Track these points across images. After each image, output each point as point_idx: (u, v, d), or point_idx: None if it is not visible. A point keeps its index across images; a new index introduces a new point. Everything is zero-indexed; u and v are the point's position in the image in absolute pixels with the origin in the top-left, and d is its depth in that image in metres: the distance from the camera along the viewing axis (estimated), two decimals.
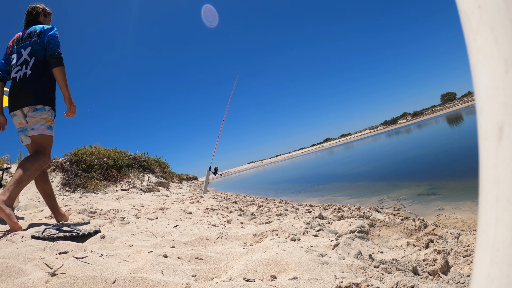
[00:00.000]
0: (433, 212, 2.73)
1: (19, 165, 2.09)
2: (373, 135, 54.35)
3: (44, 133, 2.18)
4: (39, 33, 2.32)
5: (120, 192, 6.18)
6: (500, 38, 0.19)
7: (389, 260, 1.29)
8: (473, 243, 1.62)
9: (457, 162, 4.88)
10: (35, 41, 2.29)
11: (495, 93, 0.20)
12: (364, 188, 4.98)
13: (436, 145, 8.32)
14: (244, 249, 1.49)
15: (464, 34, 0.22)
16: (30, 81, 2.20)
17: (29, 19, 2.51)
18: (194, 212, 3.05)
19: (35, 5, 2.53)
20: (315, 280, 1.04)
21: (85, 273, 1.04)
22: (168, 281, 1.00)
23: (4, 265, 1.09)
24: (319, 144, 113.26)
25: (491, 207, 0.20)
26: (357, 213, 2.48)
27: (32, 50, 2.27)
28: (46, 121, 2.19)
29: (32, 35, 2.33)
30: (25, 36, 2.35)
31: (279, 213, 2.89)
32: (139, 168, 8.13)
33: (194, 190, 9.31)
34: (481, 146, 0.21)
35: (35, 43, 2.28)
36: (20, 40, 2.35)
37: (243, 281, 1.04)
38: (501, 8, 0.19)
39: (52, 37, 2.29)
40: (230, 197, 5.75)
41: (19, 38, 2.37)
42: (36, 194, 5.61)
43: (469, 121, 14.70)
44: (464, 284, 1.11)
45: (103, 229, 2.06)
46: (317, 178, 8.88)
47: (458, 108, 48.38)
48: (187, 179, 17.59)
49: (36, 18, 2.52)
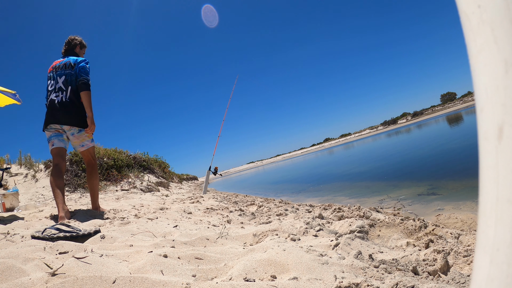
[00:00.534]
0: (433, 212, 2.73)
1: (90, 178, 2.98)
2: (373, 135, 54.36)
3: (90, 146, 2.89)
4: (73, 66, 2.79)
5: (120, 192, 6.17)
6: (500, 38, 0.19)
7: (389, 260, 1.29)
8: (473, 243, 1.62)
9: (457, 162, 4.88)
10: (68, 72, 2.77)
11: (495, 93, 0.20)
12: (364, 188, 4.98)
13: (436, 145, 8.32)
14: (244, 249, 1.49)
15: (464, 34, 0.22)
16: (70, 107, 2.72)
17: (67, 48, 2.98)
18: (194, 212, 3.05)
19: (74, 37, 3.02)
20: (315, 280, 1.04)
21: (85, 273, 1.04)
22: (168, 281, 1.00)
23: (4, 265, 1.09)
24: (319, 144, 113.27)
25: (491, 207, 0.20)
26: (357, 213, 2.48)
27: (65, 79, 2.76)
28: (88, 137, 2.86)
29: (67, 66, 2.81)
30: (61, 65, 2.82)
31: (279, 213, 2.89)
32: (139, 168, 8.13)
33: (194, 190, 9.31)
34: (481, 146, 0.21)
35: (69, 74, 2.77)
36: (58, 68, 2.83)
37: (243, 281, 1.04)
38: (501, 8, 0.19)
39: (82, 68, 2.78)
40: (230, 197, 5.75)
41: (57, 66, 2.85)
42: (36, 194, 5.61)
43: (469, 121, 14.71)
44: (464, 284, 1.11)
45: (103, 229, 2.06)
46: (317, 178, 8.88)
47: (458, 108, 48.39)
48: (187, 179, 17.59)
49: (73, 49, 2.99)
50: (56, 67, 2.83)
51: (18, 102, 3.26)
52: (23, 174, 6.61)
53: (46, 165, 7.04)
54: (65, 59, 2.86)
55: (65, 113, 2.69)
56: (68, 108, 2.70)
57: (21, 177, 6.46)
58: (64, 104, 2.70)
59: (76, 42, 3.00)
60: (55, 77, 2.79)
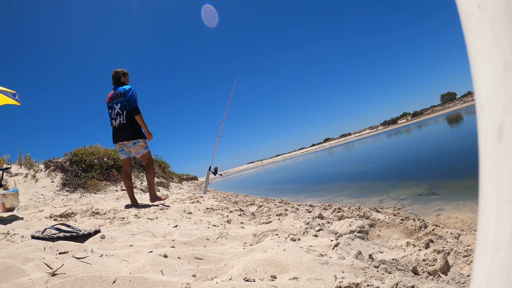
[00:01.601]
0: (433, 212, 2.73)
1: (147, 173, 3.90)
2: (373, 135, 54.35)
3: (144, 152, 3.82)
4: (123, 94, 3.70)
5: (120, 192, 6.18)
6: (500, 38, 0.19)
7: (389, 260, 1.29)
8: (473, 243, 1.62)
9: (457, 162, 4.88)
10: (122, 100, 3.69)
11: (495, 93, 0.20)
12: (364, 188, 4.98)
13: (436, 145, 8.32)
14: (244, 249, 1.49)
15: (464, 34, 0.22)
16: (125, 127, 3.68)
17: (115, 80, 3.88)
18: (194, 212, 3.05)
19: (116, 70, 3.90)
20: (315, 280, 1.04)
21: (85, 273, 1.04)
22: (168, 281, 1.00)
23: (4, 265, 1.09)
24: (319, 144, 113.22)
25: (491, 207, 0.20)
26: (357, 213, 2.48)
27: (121, 106, 3.69)
28: (142, 146, 3.78)
29: (119, 95, 3.72)
30: (115, 96, 3.75)
31: (279, 213, 2.89)
32: (139, 168, 8.13)
33: (194, 190, 9.31)
34: (481, 146, 0.21)
35: (122, 101, 3.69)
36: (113, 98, 3.77)
37: (243, 281, 1.04)
38: (501, 8, 0.19)
39: (131, 96, 3.67)
40: (230, 197, 5.75)
41: (112, 96, 3.78)
42: (36, 194, 5.61)
43: (469, 121, 14.70)
44: (464, 284, 1.11)
45: (103, 229, 2.06)
46: (317, 178, 8.88)
47: (458, 108, 48.38)
48: (187, 179, 17.59)
49: (119, 79, 3.87)
50: (112, 97, 3.77)
51: (18, 102, 3.26)
52: (23, 174, 6.61)
53: (46, 165, 7.04)
54: (116, 90, 3.78)
55: (123, 133, 3.68)
56: (125, 129, 3.67)
57: (21, 177, 6.46)
58: (122, 126, 3.68)
59: (119, 74, 3.88)
60: (113, 106, 3.74)
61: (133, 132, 3.68)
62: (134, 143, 3.72)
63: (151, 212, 3.01)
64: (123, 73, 3.89)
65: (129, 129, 3.67)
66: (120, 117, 3.67)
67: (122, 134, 3.67)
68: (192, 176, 21.19)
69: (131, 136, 3.67)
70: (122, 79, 3.87)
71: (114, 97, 3.74)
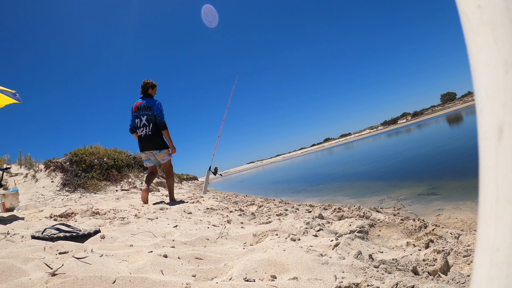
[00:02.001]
0: (433, 212, 2.73)
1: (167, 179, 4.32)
2: (373, 135, 54.34)
3: (168, 159, 4.23)
4: (150, 107, 4.04)
5: (120, 192, 6.18)
6: (500, 38, 0.19)
7: (389, 260, 1.29)
8: (473, 243, 1.62)
9: (457, 162, 4.88)
10: (148, 114, 4.03)
11: (495, 93, 0.20)
12: (364, 188, 4.98)
13: (436, 145, 8.32)
14: (244, 249, 1.49)
15: (464, 34, 0.22)
16: (153, 137, 4.05)
17: (143, 90, 4.18)
18: (194, 212, 3.05)
19: (146, 81, 4.19)
20: (315, 280, 1.04)
21: (85, 273, 1.04)
22: (168, 281, 1.00)
23: (4, 265, 1.09)
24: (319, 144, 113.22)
25: (491, 207, 0.20)
26: (357, 213, 2.48)
27: (147, 118, 4.03)
28: (166, 153, 4.18)
29: (146, 108, 4.05)
30: (142, 107, 4.06)
31: (279, 213, 2.89)
32: (139, 168, 8.12)
33: (194, 190, 9.31)
34: (481, 146, 0.21)
35: (149, 114, 4.03)
36: (140, 109, 4.07)
37: (243, 281, 1.04)
38: (501, 8, 0.19)
39: (159, 113, 4.03)
40: (230, 197, 5.75)
41: (139, 107, 4.08)
42: (36, 194, 5.61)
43: (469, 121, 14.70)
44: (464, 284, 1.11)
45: (103, 229, 2.06)
46: (317, 178, 8.88)
47: (458, 108, 48.37)
48: (187, 179, 17.59)
49: (147, 90, 4.17)
50: (139, 108, 4.07)
51: (18, 101, 3.25)
52: (23, 174, 6.61)
53: (46, 165, 7.05)
54: (143, 101, 4.08)
55: (150, 142, 4.04)
56: (151, 139, 4.04)
57: (21, 177, 6.46)
58: (148, 136, 4.04)
59: (148, 85, 4.17)
60: (139, 116, 4.06)
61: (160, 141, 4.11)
62: (159, 151, 4.13)
63: (151, 212, 3.01)
64: (152, 85, 4.20)
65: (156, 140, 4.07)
66: (146, 128, 4.03)
67: (149, 144, 4.05)
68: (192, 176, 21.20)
69: (156, 146, 4.08)
70: (150, 91, 4.18)
71: (141, 108, 4.06)
